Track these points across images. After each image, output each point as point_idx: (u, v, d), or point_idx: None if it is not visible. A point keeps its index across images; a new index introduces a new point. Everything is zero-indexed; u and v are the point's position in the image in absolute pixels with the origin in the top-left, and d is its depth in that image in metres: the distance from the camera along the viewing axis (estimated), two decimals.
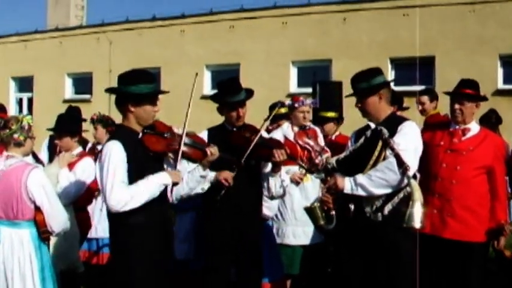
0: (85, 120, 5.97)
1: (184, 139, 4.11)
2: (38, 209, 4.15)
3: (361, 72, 4.46)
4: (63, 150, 5.48)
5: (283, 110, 6.31)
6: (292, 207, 5.56)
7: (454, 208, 4.51)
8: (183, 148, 4.08)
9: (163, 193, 4.01)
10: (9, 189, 4.07)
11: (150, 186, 3.80)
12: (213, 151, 4.25)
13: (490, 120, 7.20)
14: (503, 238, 4.56)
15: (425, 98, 7.10)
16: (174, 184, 3.96)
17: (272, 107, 6.60)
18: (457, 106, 4.66)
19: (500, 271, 5.66)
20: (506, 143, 6.60)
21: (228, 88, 4.76)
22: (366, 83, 4.36)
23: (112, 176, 3.72)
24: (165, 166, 4.18)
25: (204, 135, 4.88)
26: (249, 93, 4.80)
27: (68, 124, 5.60)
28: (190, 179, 4.30)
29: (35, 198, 4.11)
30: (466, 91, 4.68)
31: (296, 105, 5.73)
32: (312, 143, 5.66)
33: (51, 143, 6.74)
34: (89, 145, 6.78)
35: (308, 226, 5.48)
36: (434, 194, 4.23)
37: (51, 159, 6.08)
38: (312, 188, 5.61)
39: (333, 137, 6.74)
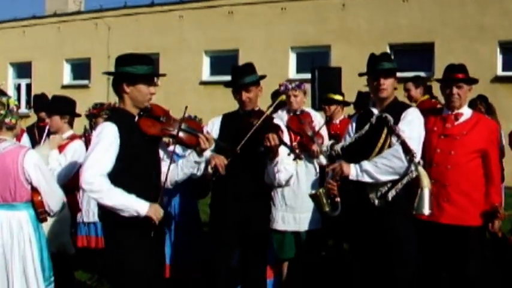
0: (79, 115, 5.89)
1: (182, 125, 4.08)
2: (34, 191, 4.16)
3: (380, 54, 4.53)
4: (52, 131, 5.45)
5: (285, 97, 6.35)
6: (282, 193, 5.52)
7: (450, 193, 4.51)
8: (179, 134, 4.07)
9: (156, 181, 3.98)
10: (6, 172, 4.08)
11: (122, 203, 3.69)
12: (208, 138, 4.19)
13: (478, 108, 7.19)
14: (497, 221, 4.57)
15: (409, 85, 7.03)
16: (150, 219, 3.77)
17: (274, 95, 6.68)
18: (455, 91, 4.61)
19: (495, 256, 5.68)
20: (499, 127, 6.60)
21: (236, 71, 4.76)
22: (391, 64, 4.46)
23: (96, 153, 3.68)
24: (160, 152, 4.18)
25: (217, 120, 4.90)
26: (258, 78, 4.76)
27: (59, 104, 5.57)
28: (185, 164, 4.24)
29: (32, 179, 4.11)
30: (460, 75, 4.67)
31: (281, 90, 5.75)
32: (304, 127, 5.62)
33: (31, 133, 6.68)
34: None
35: (300, 213, 5.47)
36: (430, 180, 4.24)
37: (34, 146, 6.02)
38: (305, 173, 5.58)
39: (337, 121, 6.77)
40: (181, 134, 4.09)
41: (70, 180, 5.31)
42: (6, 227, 4.12)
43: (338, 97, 6.92)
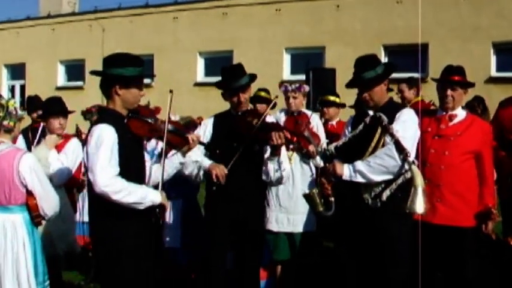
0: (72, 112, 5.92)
1: (167, 126, 4.09)
2: (29, 194, 4.14)
3: (362, 60, 4.43)
4: (58, 133, 5.46)
5: (262, 94, 6.38)
6: (277, 193, 5.52)
7: (444, 193, 4.52)
8: (166, 135, 4.07)
9: (144, 181, 3.97)
10: (1, 175, 4.06)
11: (141, 195, 3.74)
12: (193, 139, 4.20)
13: (476, 110, 7.21)
14: (490, 222, 4.58)
15: (403, 86, 7.03)
16: (159, 206, 3.87)
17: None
18: (449, 92, 4.64)
19: (492, 256, 5.68)
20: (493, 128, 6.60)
21: (230, 73, 4.78)
22: (373, 71, 4.34)
23: (104, 157, 3.65)
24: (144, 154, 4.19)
25: (210, 121, 4.93)
26: (252, 78, 4.80)
27: (62, 105, 5.59)
28: (169, 165, 4.21)
29: (27, 183, 4.10)
30: (457, 78, 4.69)
31: (281, 90, 5.75)
32: (300, 128, 5.61)
33: (25, 135, 6.69)
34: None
35: (294, 214, 5.47)
36: (424, 180, 4.25)
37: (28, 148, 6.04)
38: (301, 175, 5.58)
39: (334, 123, 6.76)
40: (168, 135, 4.11)
41: (69, 180, 5.34)
42: (0, 228, 4.10)
43: (336, 99, 6.91)
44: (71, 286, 6.14)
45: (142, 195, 3.75)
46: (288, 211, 5.47)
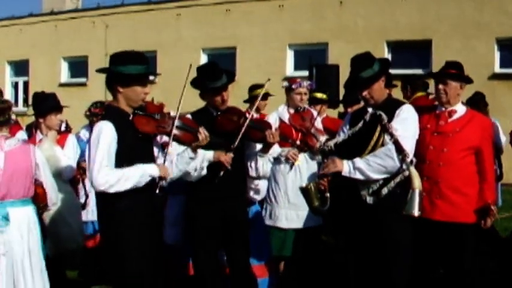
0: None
1: (176, 122, 4.10)
2: (36, 185, 4.25)
3: (358, 59, 4.44)
4: (50, 128, 5.49)
5: (259, 91, 6.39)
6: (285, 190, 5.54)
7: (443, 190, 4.51)
8: (174, 131, 4.08)
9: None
10: (21, 168, 4.16)
11: (137, 174, 3.81)
12: (204, 135, 4.24)
13: (478, 105, 7.18)
14: (489, 219, 4.56)
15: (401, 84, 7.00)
16: (161, 178, 3.95)
17: (251, 89, 7.35)
18: (441, 86, 4.67)
19: (492, 252, 5.68)
20: (493, 124, 6.59)
21: (210, 73, 4.78)
22: (371, 69, 4.36)
23: (101, 155, 3.73)
24: (154, 149, 4.19)
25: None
26: (231, 76, 4.85)
27: (53, 102, 5.63)
28: (180, 161, 4.28)
29: (41, 174, 4.22)
30: (450, 71, 4.69)
31: (294, 86, 5.71)
32: (306, 124, 5.64)
33: (29, 131, 6.73)
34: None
35: (302, 210, 5.48)
36: (423, 177, 4.25)
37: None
38: (307, 170, 5.59)
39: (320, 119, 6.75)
40: (176, 131, 4.11)
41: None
42: (16, 223, 4.15)
43: (323, 96, 6.88)
44: (74, 284, 6.15)
45: (140, 174, 3.82)
46: (297, 207, 5.48)
